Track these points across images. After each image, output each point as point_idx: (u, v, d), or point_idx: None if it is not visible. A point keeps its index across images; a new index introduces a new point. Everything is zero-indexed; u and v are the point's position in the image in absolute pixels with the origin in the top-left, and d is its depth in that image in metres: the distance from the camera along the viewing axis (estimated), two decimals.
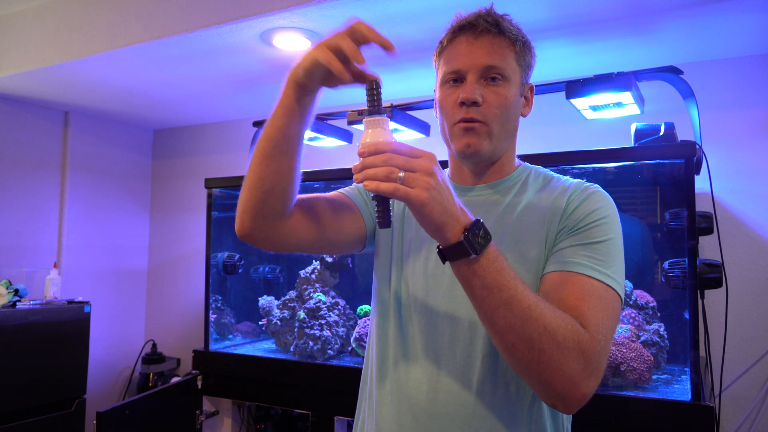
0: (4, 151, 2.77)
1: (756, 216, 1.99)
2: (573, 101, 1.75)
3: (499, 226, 0.93)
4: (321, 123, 2.29)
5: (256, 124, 2.45)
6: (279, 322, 2.24)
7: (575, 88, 1.69)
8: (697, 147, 1.53)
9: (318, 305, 2.17)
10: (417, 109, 2.14)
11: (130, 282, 3.34)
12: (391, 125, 2.10)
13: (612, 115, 1.89)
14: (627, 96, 1.70)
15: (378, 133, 0.73)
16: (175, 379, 2.26)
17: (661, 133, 1.62)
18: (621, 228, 0.91)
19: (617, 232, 0.89)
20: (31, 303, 2.42)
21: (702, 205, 1.82)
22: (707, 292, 1.76)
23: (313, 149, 2.68)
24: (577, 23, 1.81)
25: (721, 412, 1.92)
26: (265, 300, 2.38)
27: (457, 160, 1.01)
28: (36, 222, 2.89)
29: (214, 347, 2.31)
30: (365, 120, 0.75)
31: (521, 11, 1.71)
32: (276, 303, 2.33)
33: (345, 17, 1.77)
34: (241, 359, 2.17)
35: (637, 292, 1.85)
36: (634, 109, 1.82)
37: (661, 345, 1.71)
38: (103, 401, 3.09)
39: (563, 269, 0.84)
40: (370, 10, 1.72)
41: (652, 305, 1.82)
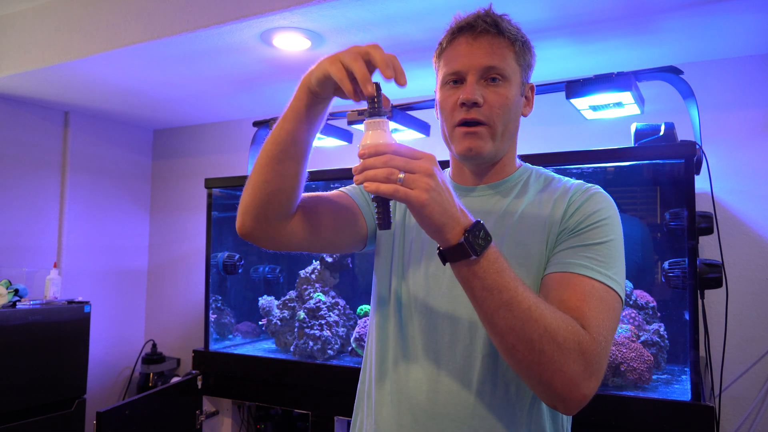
0: (4, 151, 2.77)
1: (756, 216, 1.99)
2: (573, 101, 1.75)
3: (500, 227, 0.93)
4: None
5: (256, 124, 2.44)
6: (279, 322, 2.24)
7: (575, 88, 1.69)
8: (697, 147, 1.53)
9: (318, 305, 2.17)
10: (417, 109, 2.14)
11: (130, 282, 3.34)
12: (391, 125, 2.11)
13: (612, 115, 1.89)
14: (627, 96, 1.70)
15: (378, 135, 0.73)
16: (175, 379, 2.26)
17: (661, 133, 1.62)
18: (622, 229, 0.91)
19: (618, 233, 0.89)
20: (31, 303, 2.42)
21: (702, 205, 1.82)
22: (707, 292, 1.76)
23: (313, 149, 2.68)
24: (577, 23, 1.81)
25: (721, 412, 1.92)
26: (265, 300, 2.38)
27: (458, 160, 1.01)
28: (36, 222, 2.89)
29: (214, 347, 2.31)
30: (366, 121, 0.75)
31: (521, 11, 1.71)
32: (276, 303, 2.33)
33: (345, 17, 1.77)
34: (241, 359, 2.17)
35: (637, 292, 1.85)
36: (634, 109, 1.82)
37: (661, 345, 1.71)
38: (103, 401, 3.09)
39: (564, 270, 0.84)
40: (370, 10, 1.72)
41: (652, 305, 1.82)
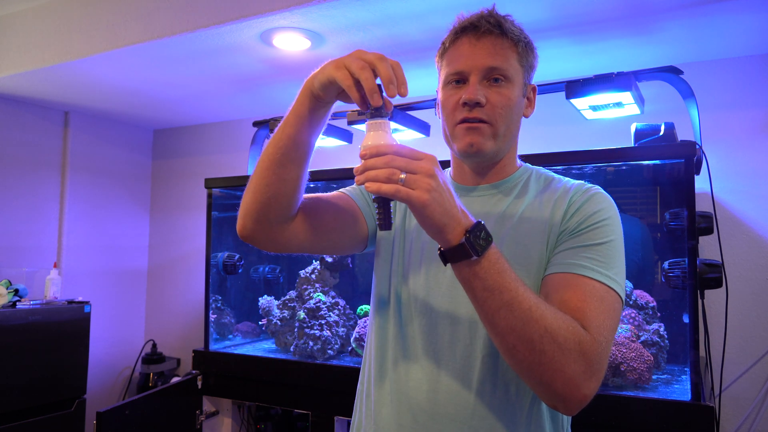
0: (4, 151, 2.77)
1: (756, 216, 1.99)
2: (573, 101, 1.75)
3: (501, 227, 0.93)
4: None
5: (256, 124, 2.44)
6: (279, 322, 2.24)
7: (575, 88, 1.69)
8: (697, 147, 1.53)
9: (318, 305, 2.17)
10: (417, 109, 2.14)
11: (130, 282, 3.34)
12: (392, 125, 2.10)
13: (612, 115, 1.89)
14: (627, 96, 1.70)
15: (379, 136, 0.74)
16: (175, 379, 2.26)
17: (661, 133, 1.62)
18: (622, 229, 0.91)
19: (618, 233, 0.89)
20: (31, 303, 2.42)
21: (702, 205, 1.82)
22: (707, 292, 1.76)
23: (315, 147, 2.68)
24: (577, 23, 1.81)
25: (721, 412, 1.92)
26: (265, 300, 2.38)
27: (459, 160, 1.01)
28: (36, 222, 2.89)
29: (214, 347, 2.31)
30: (367, 122, 0.75)
31: (521, 11, 1.71)
32: (276, 303, 2.33)
33: (345, 17, 1.77)
34: (241, 359, 2.17)
35: (637, 292, 1.85)
36: (634, 109, 1.82)
37: (661, 345, 1.71)
38: (103, 401, 3.09)
39: (565, 271, 0.84)
40: (370, 10, 1.72)
41: (652, 305, 1.82)
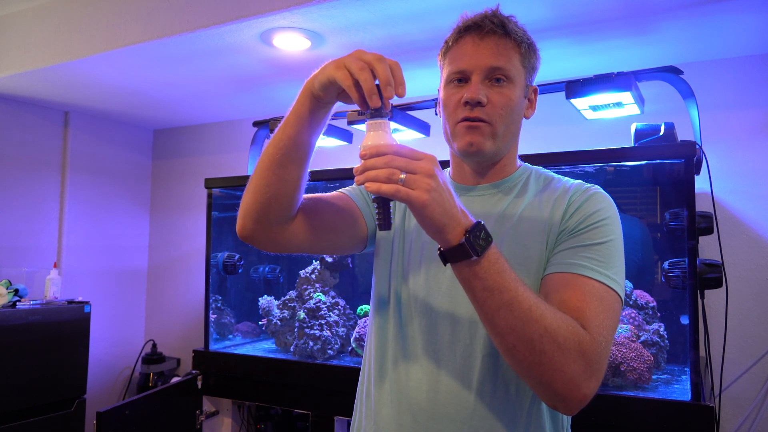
0: (4, 151, 2.77)
1: (756, 216, 1.99)
2: (573, 101, 1.75)
3: (500, 226, 0.93)
4: None
5: (256, 124, 2.44)
6: (279, 322, 2.24)
7: (575, 88, 1.69)
8: (697, 147, 1.53)
9: (318, 305, 2.17)
10: (417, 109, 2.14)
11: (130, 282, 3.34)
12: (392, 125, 2.10)
13: (612, 115, 1.89)
14: (627, 96, 1.70)
15: (379, 136, 0.74)
16: (175, 379, 2.26)
17: (661, 133, 1.62)
18: (622, 229, 0.91)
19: (618, 233, 0.89)
20: (31, 303, 2.42)
21: (702, 205, 1.82)
22: (707, 292, 1.76)
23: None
24: (577, 23, 1.81)
25: (721, 412, 1.92)
26: (265, 300, 2.38)
27: (459, 159, 1.01)
28: (36, 222, 2.89)
29: (214, 347, 2.31)
30: (367, 123, 0.75)
31: (522, 11, 1.71)
32: (276, 303, 2.33)
33: (345, 17, 1.77)
34: (241, 359, 2.17)
35: (637, 292, 1.85)
36: (634, 109, 1.82)
37: (661, 345, 1.71)
38: (103, 401, 3.09)
39: (564, 271, 0.84)
40: (370, 10, 1.72)
41: (652, 305, 1.81)
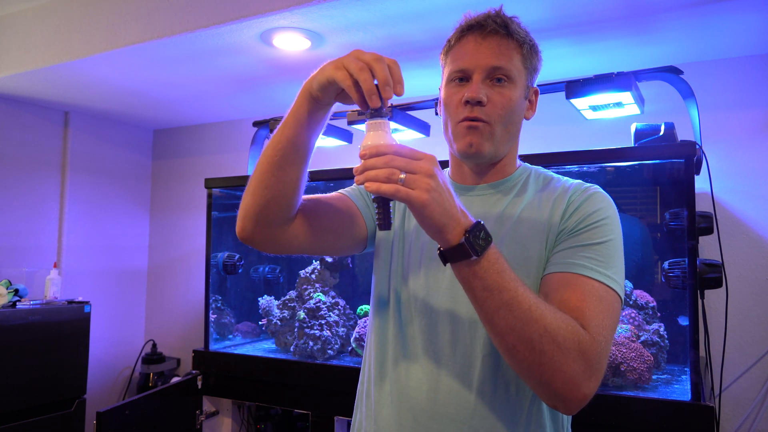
0: (4, 151, 2.77)
1: (756, 216, 1.99)
2: (573, 101, 1.75)
3: (500, 226, 0.93)
4: None
5: (256, 124, 2.44)
6: (279, 322, 2.24)
7: (575, 88, 1.69)
8: (697, 147, 1.53)
9: (318, 305, 2.17)
10: (417, 109, 2.14)
11: (130, 282, 3.34)
12: (392, 125, 2.11)
13: (612, 115, 1.89)
14: (627, 96, 1.70)
15: (379, 136, 0.74)
16: (175, 379, 2.26)
17: (661, 133, 1.62)
18: (621, 228, 0.91)
19: (617, 233, 0.89)
20: (31, 303, 2.42)
21: (702, 205, 1.82)
22: (707, 292, 1.76)
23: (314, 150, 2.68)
24: (577, 23, 1.81)
25: (721, 412, 1.92)
26: (265, 300, 2.38)
27: (458, 159, 1.01)
28: (36, 222, 2.89)
29: (214, 347, 2.31)
30: (367, 122, 0.75)
31: (522, 11, 1.70)
32: (276, 303, 2.33)
33: (345, 17, 1.77)
34: (241, 359, 2.17)
35: (637, 292, 1.85)
36: (634, 109, 1.82)
37: (661, 345, 1.71)
38: (103, 401, 3.09)
39: (564, 270, 0.84)
40: (370, 10, 1.72)
41: (652, 305, 1.81)
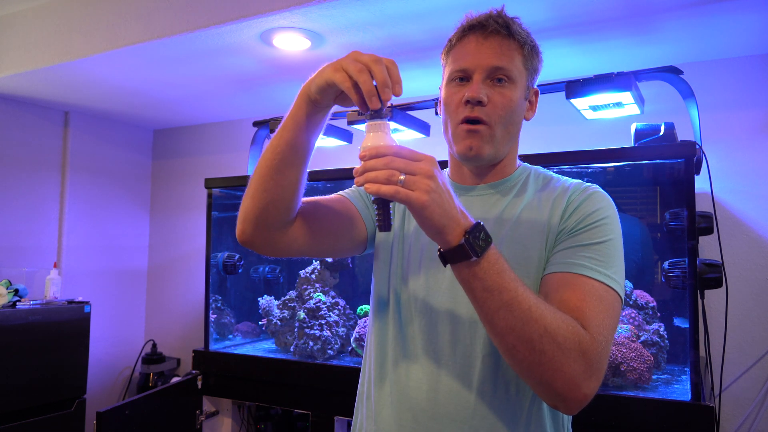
0: (4, 151, 2.77)
1: (756, 216, 1.99)
2: (573, 101, 1.75)
3: (499, 226, 0.93)
4: None
5: (256, 124, 2.44)
6: (279, 322, 2.24)
7: (575, 88, 1.69)
8: (697, 147, 1.53)
9: (318, 305, 2.17)
10: (417, 109, 2.14)
11: (130, 282, 3.34)
12: (392, 125, 2.11)
13: (612, 115, 1.89)
14: (627, 96, 1.70)
15: (379, 137, 0.74)
16: (175, 379, 2.26)
17: (661, 133, 1.62)
18: (621, 228, 0.91)
19: (617, 232, 0.89)
20: (31, 303, 2.42)
21: (702, 205, 1.82)
22: (707, 292, 1.76)
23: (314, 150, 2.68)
24: (577, 23, 1.81)
25: (721, 412, 1.92)
26: (265, 300, 2.38)
27: (458, 160, 1.01)
28: (36, 222, 2.89)
29: (214, 347, 2.31)
30: (366, 124, 0.75)
31: (522, 11, 1.70)
32: (276, 303, 2.33)
33: (345, 17, 1.77)
34: (241, 359, 2.17)
35: (637, 292, 1.85)
36: (634, 109, 1.82)
37: (661, 345, 1.71)
38: (103, 401, 3.09)
39: (564, 270, 0.84)
40: (370, 10, 1.72)
41: (652, 305, 1.81)
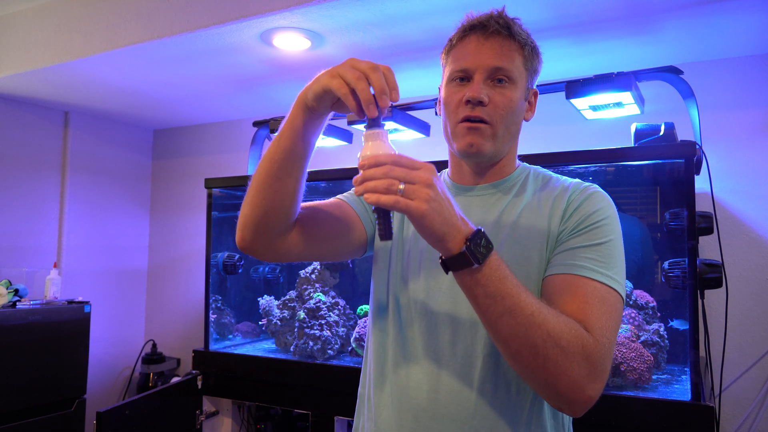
0: (4, 151, 2.76)
1: (756, 216, 1.99)
2: (573, 101, 1.75)
3: (499, 226, 0.93)
4: None
5: (256, 124, 2.44)
6: (279, 322, 2.24)
7: (575, 88, 1.69)
8: (697, 147, 1.53)
9: (318, 305, 2.17)
10: (417, 109, 2.14)
11: (130, 282, 3.34)
12: (392, 125, 2.11)
13: (612, 115, 1.89)
14: (627, 96, 1.70)
15: (378, 146, 0.74)
16: (175, 379, 2.26)
17: (661, 133, 1.62)
18: (621, 227, 0.91)
19: (617, 232, 0.89)
20: (31, 303, 2.42)
21: (702, 205, 1.82)
22: (707, 292, 1.76)
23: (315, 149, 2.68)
24: (577, 23, 1.81)
25: (721, 412, 1.92)
26: (265, 300, 2.37)
27: (458, 159, 1.01)
28: (36, 222, 2.89)
29: (214, 347, 2.31)
30: (365, 133, 0.75)
31: (522, 11, 1.70)
32: (276, 303, 2.33)
33: (345, 17, 1.77)
34: (241, 359, 2.17)
35: (637, 292, 1.85)
36: (634, 109, 1.82)
37: (661, 345, 1.71)
38: (103, 401, 3.09)
39: (566, 272, 0.84)
40: (370, 10, 1.72)
41: (652, 305, 1.81)
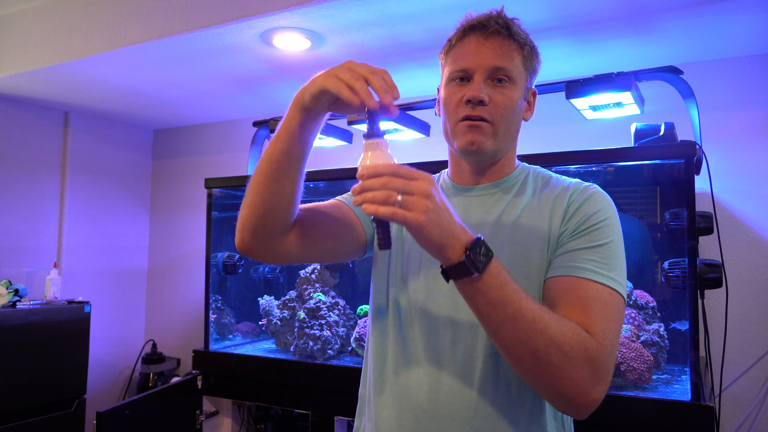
0: (4, 151, 2.77)
1: (756, 216, 1.99)
2: (573, 101, 1.75)
3: (499, 226, 0.93)
4: None
5: (256, 124, 2.44)
6: (279, 322, 2.24)
7: (575, 88, 1.69)
8: (697, 147, 1.53)
9: (318, 305, 2.17)
10: (417, 109, 2.14)
11: (130, 282, 3.34)
12: (391, 125, 2.11)
13: (612, 115, 1.89)
14: (627, 96, 1.70)
15: (377, 156, 0.73)
16: (175, 379, 2.26)
17: (661, 133, 1.62)
18: (621, 228, 0.91)
19: (618, 233, 0.89)
20: (31, 303, 2.42)
21: (702, 205, 1.82)
22: (707, 292, 1.76)
23: (313, 149, 2.68)
24: (577, 23, 1.81)
25: (721, 412, 1.92)
26: (265, 300, 2.37)
27: (458, 159, 1.00)
28: (36, 222, 2.89)
29: (214, 347, 2.31)
30: (365, 143, 0.75)
31: (522, 11, 1.71)
32: (276, 303, 2.33)
33: (345, 17, 1.77)
34: (241, 359, 2.17)
35: (637, 292, 1.85)
36: (634, 109, 1.82)
37: (661, 345, 1.71)
38: (103, 401, 3.09)
39: (567, 274, 0.84)
40: (370, 10, 1.72)
41: (652, 305, 1.81)
